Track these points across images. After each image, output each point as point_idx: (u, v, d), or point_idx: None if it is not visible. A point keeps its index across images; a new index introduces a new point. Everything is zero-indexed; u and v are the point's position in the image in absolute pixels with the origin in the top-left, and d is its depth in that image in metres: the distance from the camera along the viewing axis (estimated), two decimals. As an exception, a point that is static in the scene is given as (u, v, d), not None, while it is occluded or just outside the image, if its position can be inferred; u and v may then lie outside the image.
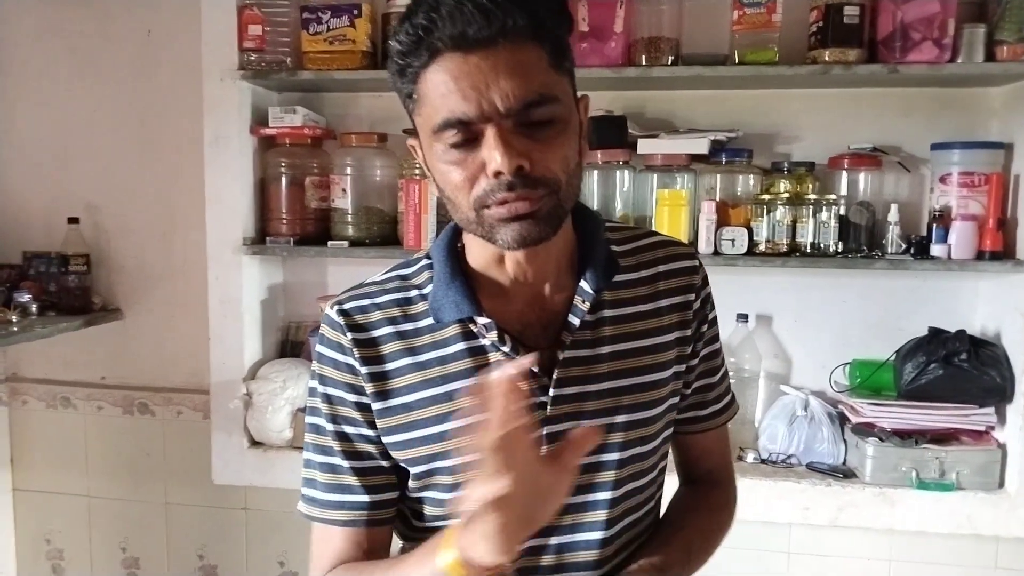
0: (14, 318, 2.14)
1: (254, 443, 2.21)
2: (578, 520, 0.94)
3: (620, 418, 0.94)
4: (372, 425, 0.95)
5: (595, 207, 2.03)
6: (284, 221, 2.17)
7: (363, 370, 0.94)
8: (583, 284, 0.93)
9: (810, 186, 1.99)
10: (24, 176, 2.43)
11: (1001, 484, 1.95)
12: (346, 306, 0.97)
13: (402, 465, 0.96)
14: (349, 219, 2.13)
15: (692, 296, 1.00)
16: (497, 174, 0.80)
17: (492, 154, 0.80)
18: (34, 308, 2.22)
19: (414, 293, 0.97)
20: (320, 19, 2.02)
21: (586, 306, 0.93)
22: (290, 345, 2.35)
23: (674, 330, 0.99)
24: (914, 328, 2.06)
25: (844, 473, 2.01)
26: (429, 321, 0.94)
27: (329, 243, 2.11)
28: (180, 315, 2.38)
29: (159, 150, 2.35)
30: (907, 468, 1.94)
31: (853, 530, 2.03)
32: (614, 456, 0.94)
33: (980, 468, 1.95)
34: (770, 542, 2.15)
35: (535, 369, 0.90)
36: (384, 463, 0.96)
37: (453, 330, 0.93)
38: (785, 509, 1.99)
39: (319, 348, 0.98)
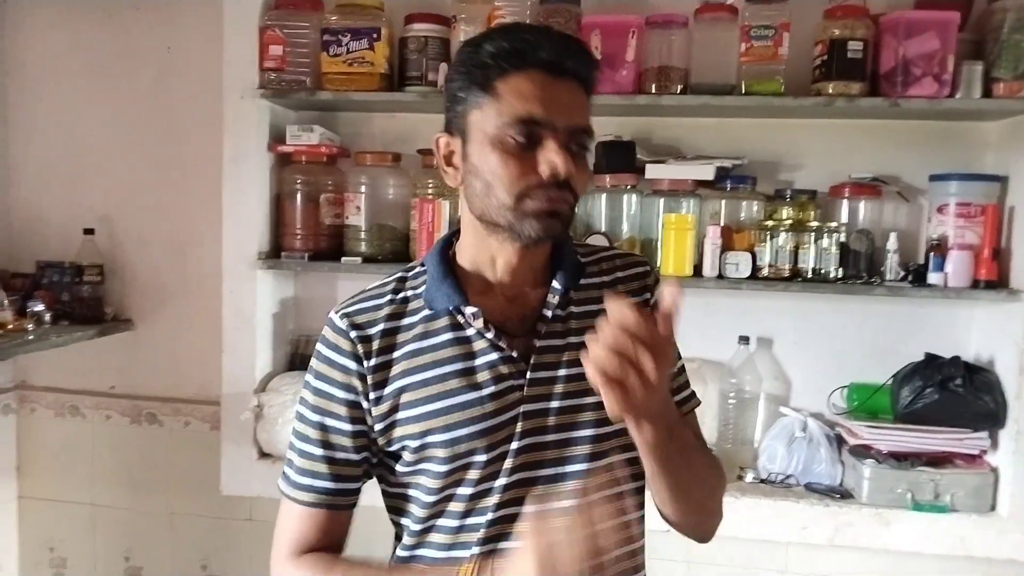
0: (30, 327, 2.17)
1: (263, 454, 2.25)
2: (558, 488, 1.05)
3: (589, 399, 1.05)
4: (355, 421, 1.06)
5: (603, 229, 2.09)
6: (298, 236, 2.21)
7: (367, 364, 1.05)
8: (555, 283, 1.08)
9: (812, 213, 2.06)
10: (40, 188, 2.47)
11: (993, 507, 2.01)
12: (348, 310, 1.09)
13: (399, 449, 1.06)
14: (362, 236, 2.17)
15: (648, 295, 1.15)
16: (553, 175, 0.97)
17: (554, 158, 0.96)
18: (48, 317, 2.26)
19: (410, 292, 1.10)
20: (340, 42, 2.08)
21: (557, 300, 1.07)
22: (300, 358, 2.38)
23: None
24: (911, 353, 2.12)
25: (841, 494, 2.06)
26: (422, 314, 1.07)
27: (343, 259, 2.15)
28: (191, 327, 2.42)
29: (175, 165, 2.40)
30: (903, 490, 1.99)
31: (849, 550, 2.07)
32: (589, 432, 1.06)
33: (973, 491, 2.00)
34: (768, 561, 2.19)
35: (514, 355, 1.05)
36: (354, 456, 1.08)
37: (443, 321, 1.07)
38: (783, 528, 2.04)
39: (319, 347, 1.09)
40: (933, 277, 2.00)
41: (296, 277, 2.38)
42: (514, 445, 1.03)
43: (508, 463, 1.03)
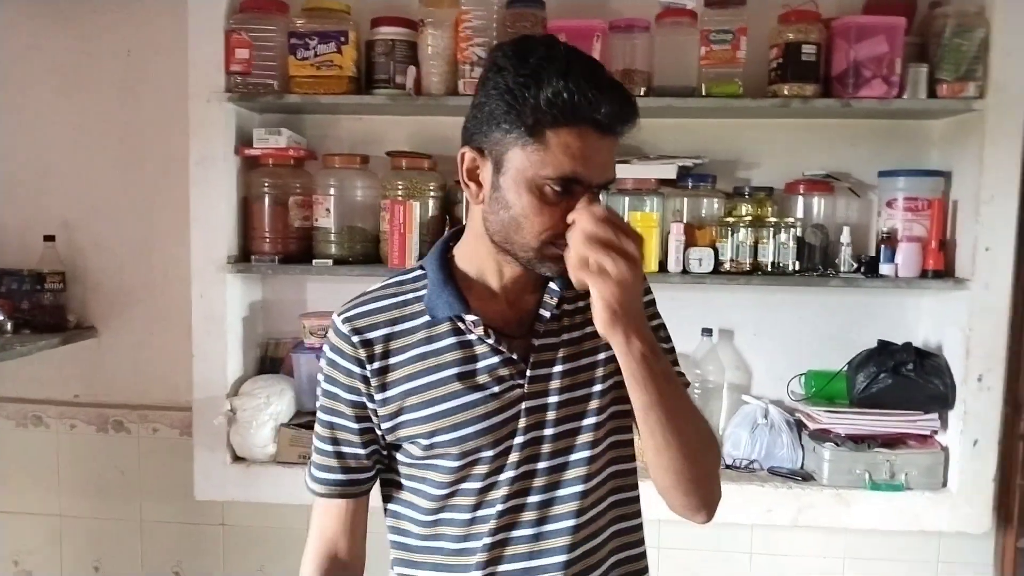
0: (-7, 336, 2.14)
1: (236, 458, 2.24)
2: (561, 478, 1.11)
3: (584, 391, 1.13)
4: (361, 420, 1.13)
5: (571, 228, 2.14)
6: (267, 239, 2.22)
7: (369, 368, 1.10)
8: (552, 286, 1.13)
9: (769, 209, 2.14)
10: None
11: (944, 484, 2.12)
12: (350, 314, 1.13)
13: (402, 443, 1.12)
14: (332, 238, 2.19)
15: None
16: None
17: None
18: (8, 326, 2.22)
19: (411, 296, 1.14)
20: (307, 45, 2.09)
21: (554, 302, 1.12)
22: (269, 361, 2.39)
23: None
24: (864, 341, 2.23)
25: (803, 476, 2.15)
26: (424, 319, 1.11)
27: (313, 261, 2.17)
28: (157, 333, 2.40)
29: (137, 169, 2.38)
30: (861, 471, 2.10)
31: (812, 530, 2.18)
32: (589, 421, 1.12)
33: (926, 470, 2.11)
34: (734, 543, 2.29)
35: (514, 356, 1.10)
36: (362, 451, 1.14)
37: (445, 327, 1.11)
38: (749, 511, 2.13)
39: (327, 353, 1.14)
40: (884, 268, 2.10)
41: (264, 280, 2.39)
42: (518, 440, 1.09)
43: (513, 457, 1.09)
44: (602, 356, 1.14)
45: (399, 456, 1.15)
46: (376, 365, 1.10)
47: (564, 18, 2.08)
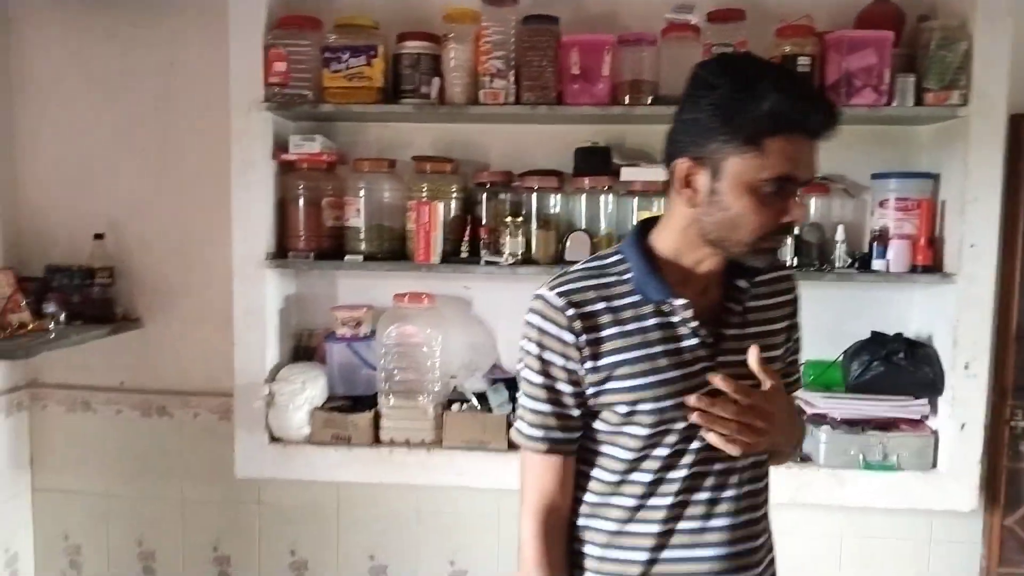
0: (51, 326, 2.32)
1: (274, 439, 2.41)
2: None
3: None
4: (574, 383, 1.26)
5: (583, 227, 2.31)
6: (302, 238, 2.39)
7: (582, 338, 1.23)
8: (741, 283, 1.28)
9: (769, 209, 2.29)
10: (47, 196, 2.61)
11: (934, 464, 2.27)
12: (563, 289, 1.26)
13: (601, 409, 1.27)
14: (362, 236, 2.35)
15: (792, 296, 1.41)
16: (792, 222, 1.19)
17: (799, 212, 1.18)
18: (62, 318, 2.40)
19: (614, 279, 1.27)
20: (340, 59, 2.26)
21: (743, 297, 1.29)
22: (303, 351, 2.56)
23: (784, 319, 1.38)
24: (858, 332, 2.37)
25: (801, 457, 2.30)
26: (631, 299, 1.25)
27: (345, 257, 2.34)
28: (197, 324, 2.58)
29: (179, 173, 2.56)
30: (855, 452, 2.24)
31: (809, 507, 2.32)
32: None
33: (916, 451, 2.25)
34: (736, 522, 2.43)
35: (710, 341, 1.25)
36: (575, 412, 1.28)
37: (650, 308, 1.24)
38: (750, 491, 2.27)
39: (535, 321, 1.27)
40: (876, 264, 2.25)
41: (297, 276, 2.56)
42: None
43: (701, 431, 1.22)
44: (779, 352, 1.35)
45: (595, 423, 1.28)
46: (590, 336, 1.23)
47: (577, 33, 2.23)
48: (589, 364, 1.24)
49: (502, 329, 2.52)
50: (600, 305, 1.25)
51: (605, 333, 1.24)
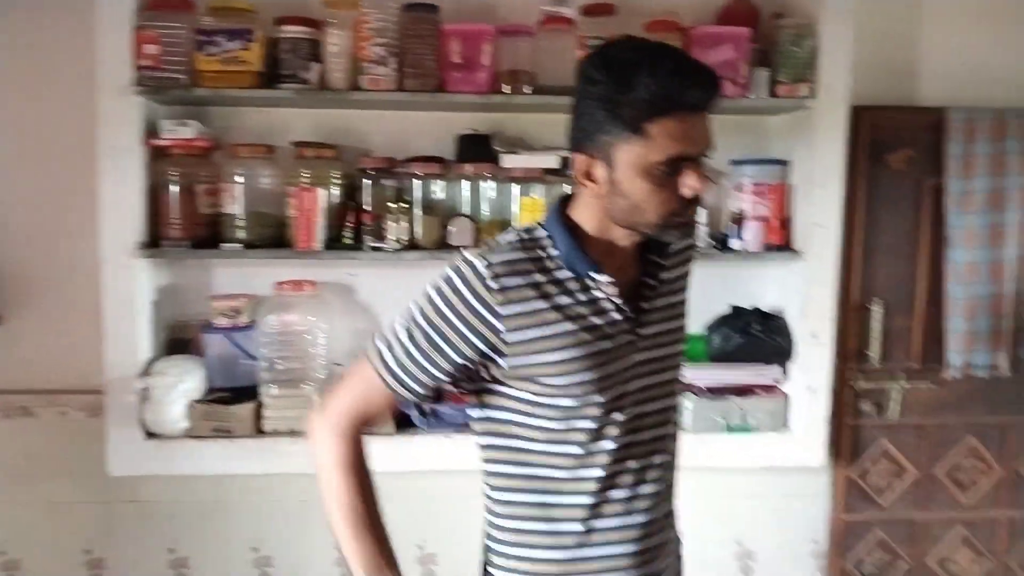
0: None
1: (150, 435, 2.34)
2: (666, 419, 1.37)
3: (668, 350, 1.36)
4: (462, 356, 1.25)
5: (467, 212, 2.37)
6: (176, 226, 2.31)
7: (502, 310, 1.23)
8: (658, 259, 1.33)
9: (640, 193, 2.43)
10: None
11: (786, 425, 2.49)
12: (492, 260, 1.25)
13: (526, 381, 1.27)
14: (240, 223, 2.31)
15: (691, 265, 1.45)
16: (695, 197, 1.21)
17: (695, 184, 1.20)
18: (-94, 316, 2.23)
19: (540, 253, 1.28)
20: (216, 42, 2.20)
21: (659, 271, 1.33)
22: (178, 343, 2.49)
23: (686, 288, 1.43)
24: (719, 307, 2.57)
25: (672, 426, 2.47)
26: (559, 275, 1.27)
27: (223, 245, 2.29)
28: (62, 319, 2.45)
29: (42, 159, 2.41)
30: (718, 417, 2.43)
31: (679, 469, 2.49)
32: (668, 376, 1.36)
33: (771, 414, 2.47)
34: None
35: (631, 315, 1.29)
36: (444, 378, 1.29)
37: (575, 284, 1.27)
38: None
39: (454, 281, 1.26)
40: (735, 244, 2.43)
41: (171, 265, 2.47)
42: (632, 387, 1.29)
43: (628, 400, 1.29)
44: (684, 321, 1.40)
45: (518, 393, 1.29)
46: (513, 309, 1.23)
47: (457, 22, 2.28)
48: (511, 338, 1.24)
49: (387, 315, 2.54)
50: (528, 279, 1.26)
51: (531, 307, 1.25)
